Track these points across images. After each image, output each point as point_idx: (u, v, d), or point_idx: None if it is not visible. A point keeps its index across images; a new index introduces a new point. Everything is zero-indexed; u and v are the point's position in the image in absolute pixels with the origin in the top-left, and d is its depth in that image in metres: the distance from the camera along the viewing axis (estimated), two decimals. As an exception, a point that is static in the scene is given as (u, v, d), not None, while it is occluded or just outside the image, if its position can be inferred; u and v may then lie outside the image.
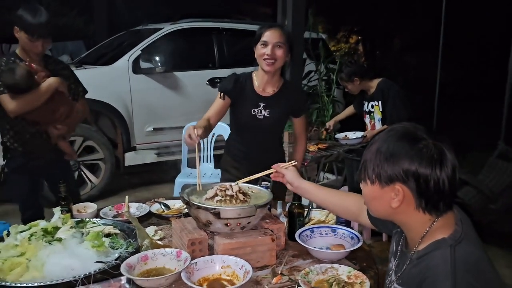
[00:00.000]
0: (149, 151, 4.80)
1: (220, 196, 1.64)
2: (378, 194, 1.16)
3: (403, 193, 1.11)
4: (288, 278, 1.50)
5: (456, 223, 1.14)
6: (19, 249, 1.53)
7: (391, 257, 1.34)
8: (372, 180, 1.16)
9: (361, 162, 1.21)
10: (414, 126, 1.15)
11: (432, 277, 1.05)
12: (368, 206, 1.26)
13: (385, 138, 1.15)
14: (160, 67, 4.55)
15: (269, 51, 2.14)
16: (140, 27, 5.51)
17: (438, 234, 1.12)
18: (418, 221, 1.15)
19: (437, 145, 1.10)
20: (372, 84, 3.50)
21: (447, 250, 1.07)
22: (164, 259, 1.55)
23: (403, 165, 1.09)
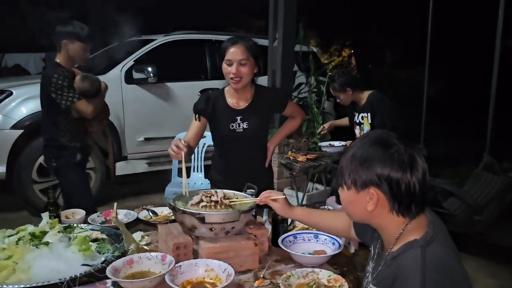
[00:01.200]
0: (140, 161, 4.84)
1: (205, 202, 1.69)
2: (354, 199, 1.21)
3: (377, 197, 1.16)
4: (270, 282, 1.54)
5: (428, 225, 1.20)
6: (6, 252, 1.55)
7: (369, 260, 1.39)
8: (348, 186, 1.21)
9: (338, 169, 1.26)
10: (386, 133, 1.21)
11: (403, 275, 1.11)
12: (346, 211, 1.31)
13: (360, 144, 1.21)
14: (152, 78, 4.61)
15: (234, 70, 2.13)
16: (134, 38, 5.57)
17: (411, 236, 1.18)
18: (392, 224, 1.21)
19: (408, 150, 1.16)
20: (363, 96, 3.57)
21: (418, 250, 1.13)
22: (149, 263, 1.59)
23: (376, 169, 1.14)
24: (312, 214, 1.71)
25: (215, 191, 1.75)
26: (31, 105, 4.19)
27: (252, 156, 2.41)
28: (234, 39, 2.19)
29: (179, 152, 1.97)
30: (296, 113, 2.54)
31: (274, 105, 2.41)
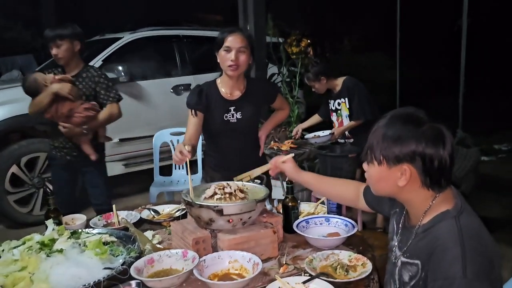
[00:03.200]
0: (117, 163, 4.70)
1: (219, 194, 1.68)
2: (385, 175, 1.25)
3: (410, 172, 1.20)
4: (294, 267, 1.56)
5: (455, 196, 1.26)
6: (20, 263, 1.49)
7: (392, 235, 1.43)
8: (380, 161, 1.24)
9: (366, 146, 1.29)
10: (415, 110, 1.25)
11: (442, 245, 1.16)
12: (374, 186, 1.34)
13: (390, 122, 1.24)
14: (123, 77, 4.48)
15: (233, 57, 2.14)
16: (97, 37, 5.40)
17: (441, 208, 1.23)
18: (421, 197, 1.25)
19: (437, 126, 1.21)
20: (337, 83, 3.64)
21: (452, 220, 1.19)
22: (170, 260, 1.57)
23: (411, 146, 1.18)
24: (322, 180, 1.75)
25: (227, 183, 1.75)
26: (-3, 112, 3.98)
27: (246, 146, 2.41)
28: (232, 28, 2.20)
29: (183, 159, 1.95)
30: (284, 105, 2.59)
31: (266, 97, 2.43)
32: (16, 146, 4.02)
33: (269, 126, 2.60)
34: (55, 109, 2.68)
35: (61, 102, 2.67)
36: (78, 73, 2.78)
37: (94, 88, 2.79)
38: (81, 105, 2.71)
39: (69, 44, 2.69)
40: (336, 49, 14.94)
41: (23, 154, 4.04)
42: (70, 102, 2.68)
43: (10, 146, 4.01)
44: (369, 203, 1.60)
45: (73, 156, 2.86)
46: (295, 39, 13.83)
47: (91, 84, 2.79)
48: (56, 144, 2.86)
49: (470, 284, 1.09)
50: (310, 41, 15.12)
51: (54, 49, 2.68)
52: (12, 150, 3.99)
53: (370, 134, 1.28)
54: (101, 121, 2.83)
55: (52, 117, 2.71)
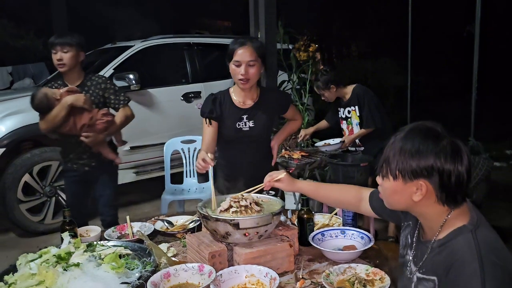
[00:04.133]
0: (127, 171, 4.72)
1: (235, 207, 1.67)
2: (400, 189, 1.23)
3: (426, 188, 1.19)
4: (311, 282, 1.55)
5: (470, 210, 1.24)
6: (37, 277, 1.49)
7: (405, 249, 1.40)
8: (395, 176, 1.22)
9: (382, 158, 1.28)
10: (434, 124, 1.23)
11: (459, 261, 1.14)
12: (387, 199, 1.32)
13: (408, 136, 1.22)
14: (134, 85, 4.50)
15: (243, 71, 2.16)
16: (109, 46, 5.44)
17: (457, 222, 1.21)
18: (436, 212, 1.23)
19: (456, 141, 1.19)
20: (347, 91, 3.63)
21: (469, 235, 1.17)
22: (186, 275, 1.56)
23: (429, 161, 1.16)
24: (320, 187, 1.74)
25: (242, 195, 1.74)
26: (9, 123, 4.02)
27: (258, 156, 2.41)
28: (242, 40, 2.21)
29: (206, 167, 1.97)
30: (296, 116, 2.59)
31: (278, 106, 2.43)
32: (28, 155, 4.04)
33: (282, 136, 2.60)
34: (73, 122, 2.67)
35: (78, 114, 2.67)
36: (82, 83, 2.77)
37: (102, 94, 2.79)
38: (99, 112, 2.73)
39: (75, 52, 2.69)
40: (343, 54, 14.91)
41: (36, 163, 4.07)
42: (87, 112, 2.69)
43: (22, 155, 4.04)
44: (375, 209, 1.57)
45: (91, 167, 2.84)
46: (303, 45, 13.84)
47: (99, 92, 2.79)
48: (72, 156, 2.83)
49: None
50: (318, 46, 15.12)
51: (60, 54, 2.66)
52: (25, 159, 4.02)
53: (387, 147, 1.26)
54: (119, 125, 2.85)
55: (71, 130, 2.69)
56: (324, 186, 1.76)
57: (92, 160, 2.83)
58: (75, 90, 2.69)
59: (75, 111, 2.66)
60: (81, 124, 2.68)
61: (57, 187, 4.25)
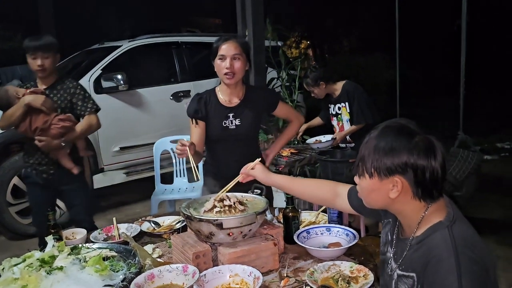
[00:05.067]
0: (118, 171, 4.70)
1: (219, 207, 1.67)
2: (376, 187, 1.24)
3: (401, 184, 1.19)
4: (295, 280, 1.55)
5: (447, 205, 1.25)
6: (20, 282, 1.48)
7: (386, 246, 1.41)
8: (371, 174, 1.23)
9: (358, 158, 1.28)
10: (407, 121, 1.25)
11: (436, 257, 1.14)
12: (365, 199, 1.33)
13: (382, 134, 1.23)
14: (122, 85, 4.47)
15: (227, 65, 2.16)
16: (97, 46, 5.41)
17: (434, 218, 1.22)
18: (413, 209, 1.24)
19: (428, 137, 1.20)
20: (337, 87, 3.64)
21: (445, 231, 1.18)
22: (170, 275, 1.56)
23: (402, 158, 1.17)
24: (295, 182, 1.72)
25: (226, 196, 1.74)
26: (-4, 125, 3.98)
27: (245, 154, 2.38)
28: (226, 37, 2.23)
29: (184, 149, 1.99)
30: (291, 115, 2.57)
31: (266, 105, 2.42)
32: (17, 158, 4.00)
33: (278, 146, 2.61)
34: (28, 123, 2.58)
35: (34, 115, 2.58)
36: (52, 85, 2.68)
37: (70, 99, 2.70)
38: (56, 116, 2.61)
39: (55, 57, 2.64)
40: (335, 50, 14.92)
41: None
42: (44, 114, 2.58)
43: (11, 157, 4.01)
44: (355, 206, 1.56)
45: (50, 174, 2.72)
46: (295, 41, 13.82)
47: (67, 96, 2.69)
48: (31, 161, 2.71)
49: None
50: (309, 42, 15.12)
51: (40, 60, 2.56)
52: (13, 161, 3.99)
53: (362, 146, 1.27)
54: (79, 133, 2.72)
55: (26, 131, 2.61)
56: (298, 180, 1.75)
57: (50, 168, 2.71)
58: (40, 91, 2.60)
59: (32, 112, 2.57)
60: (35, 126, 2.58)
61: (46, 189, 4.22)
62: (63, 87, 2.71)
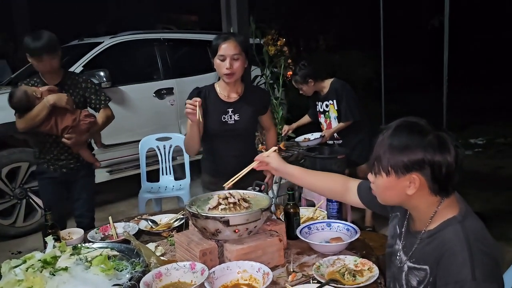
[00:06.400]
0: (101, 170, 4.58)
1: (224, 205, 1.67)
2: (393, 184, 1.27)
3: (419, 181, 1.23)
4: (302, 275, 1.58)
5: (458, 201, 1.30)
6: (25, 284, 1.45)
7: (394, 239, 1.45)
8: (388, 172, 1.27)
9: (372, 157, 1.31)
10: (418, 119, 1.28)
11: (450, 250, 1.20)
12: (381, 196, 1.36)
13: (396, 133, 1.26)
14: (105, 82, 4.40)
15: (227, 65, 2.19)
16: (76, 42, 5.29)
17: (447, 213, 1.27)
18: (428, 204, 1.29)
19: (440, 134, 1.25)
20: (325, 85, 3.68)
21: (458, 226, 1.23)
22: (177, 273, 1.55)
23: (419, 154, 1.21)
24: (308, 173, 1.74)
25: (229, 193, 1.75)
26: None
27: (243, 150, 2.41)
28: (226, 35, 2.24)
29: (194, 104, 2.03)
30: (271, 123, 2.60)
31: (261, 104, 2.44)
32: (-4, 156, 3.90)
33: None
34: (54, 122, 2.57)
35: (60, 114, 2.58)
36: (61, 82, 2.66)
37: (83, 94, 2.72)
38: (82, 112, 2.65)
39: (59, 53, 2.59)
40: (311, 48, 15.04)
41: (4, 165, 3.93)
42: (70, 112, 2.60)
43: (-11, 157, 3.89)
44: (364, 201, 1.60)
45: (69, 168, 2.74)
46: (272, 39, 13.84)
47: (79, 91, 2.71)
48: (48, 157, 2.72)
49: (479, 286, 1.13)
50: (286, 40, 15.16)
51: (48, 62, 2.53)
52: (-8, 161, 3.87)
53: (376, 145, 1.30)
54: (101, 126, 2.79)
55: (51, 130, 2.59)
56: (311, 172, 1.76)
57: (70, 162, 2.74)
58: (56, 90, 2.59)
59: (56, 111, 2.56)
60: (64, 125, 2.59)
61: (27, 189, 4.12)
62: (73, 83, 2.71)
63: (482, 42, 10.60)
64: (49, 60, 2.54)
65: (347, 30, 12.54)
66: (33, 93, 2.54)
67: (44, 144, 2.71)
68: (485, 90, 10.18)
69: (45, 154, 2.73)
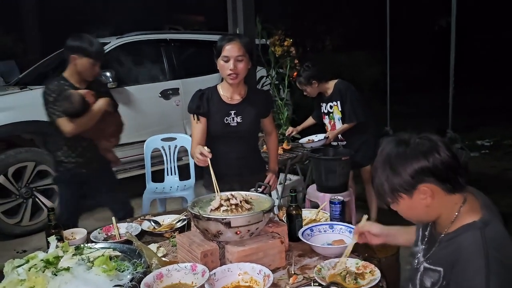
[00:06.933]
0: (106, 170, 4.63)
1: (225, 206, 1.67)
2: (411, 204, 1.28)
3: (430, 189, 1.23)
4: (303, 277, 1.57)
5: (481, 207, 1.28)
6: (27, 283, 1.46)
7: (418, 241, 1.46)
8: (398, 196, 1.28)
9: (376, 190, 1.33)
10: (398, 134, 1.31)
11: (465, 255, 1.19)
12: (411, 218, 1.36)
13: (383, 159, 1.28)
14: (111, 83, 4.42)
15: (231, 66, 2.17)
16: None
17: (468, 218, 1.26)
18: (450, 206, 1.28)
19: (423, 136, 1.26)
20: (329, 86, 3.67)
21: (478, 232, 1.21)
22: (178, 275, 1.56)
23: (414, 167, 1.22)
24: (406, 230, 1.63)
25: (231, 194, 1.75)
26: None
27: (246, 151, 2.42)
28: (230, 36, 2.24)
29: (205, 159, 1.99)
30: (272, 127, 2.57)
31: (263, 107, 2.43)
32: (2, 156, 3.92)
33: (274, 164, 2.58)
34: (102, 126, 2.66)
35: (107, 118, 2.69)
36: (89, 85, 2.70)
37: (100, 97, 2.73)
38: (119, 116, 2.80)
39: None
40: (318, 48, 15.01)
41: (10, 164, 3.95)
42: (113, 116, 2.73)
43: (-5, 155, 3.92)
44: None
45: (91, 168, 2.75)
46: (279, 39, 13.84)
47: (103, 95, 2.74)
48: (78, 159, 2.71)
49: None
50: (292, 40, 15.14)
51: (98, 66, 2.67)
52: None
53: (374, 181, 1.31)
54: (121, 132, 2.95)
55: (95, 133, 2.66)
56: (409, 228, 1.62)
57: (93, 161, 2.76)
58: (92, 93, 2.63)
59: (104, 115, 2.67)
60: (112, 128, 2.75)
61: (33, 189, 4.14)
62: (97, 85, 2.80)
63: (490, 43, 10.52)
64: (98, 65, 2.70)
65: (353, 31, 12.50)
66: (86, 98, 2.57)
67: (76, 147, 2.70)
68: (492, 91, 10.09)
69: (68, 155, 2.71)
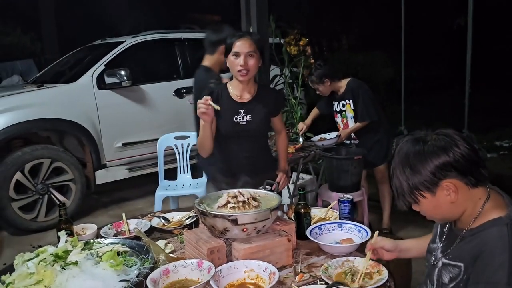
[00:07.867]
0: (120, 167, 4.69)
1: (233, 203, 1.67)
2: (435, 202, 1.26)
3: (453, 184, 1.21)
4: (309, 275, 1.56)
5: (508, 205, 1.26)
6: (36, 277, 1.48)
7: (435, 238, 1.44)
8: (420, 195, 1.25)
9: (395, 191, 1.30)
10: (413, 133, 1.29)
11: (489, 250, 1.17)
12: (435, 217, 1.34)
13: (400, 159, 1.26)
14: (125, 81, 4.46)
15: (242, 62, 2.16)
16: (99, 42, 5.39)
17: (493, 214, 1.24)
18: (474, 201, 1.26)
19: (439, 132, 1.24)
20: (341, 84, 3.64)
21: (504, 228, 1.19)
22: (185, 271, 1.56)
23: (434, 164, 1.20)
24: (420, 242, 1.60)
25: (239, 192, 1.74)
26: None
27: (255, 151, 2.40)
28: (241, 33, 2.23)
29: (207, 106, 2.04)
30: (282, 126, 2.55)
31: (273, 106, 2.41)
32: (19, 153, 4.00)
33: (284, 163, 2.57)
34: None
35: None
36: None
37: None
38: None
39: None
40: (334, 48, 14.91)
41: (27, 161, 4.03)
42: None
43: (13, 153, 4.00)
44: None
45: None
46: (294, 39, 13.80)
47: None
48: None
49: None
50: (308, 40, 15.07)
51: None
52: (16, 157, 3.97)
53: (393, 180, 1.29)
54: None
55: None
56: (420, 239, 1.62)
57: None
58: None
59: None
60: None
61: (49, 185, 4.21)
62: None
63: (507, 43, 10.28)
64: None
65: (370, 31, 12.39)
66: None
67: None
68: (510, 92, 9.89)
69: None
